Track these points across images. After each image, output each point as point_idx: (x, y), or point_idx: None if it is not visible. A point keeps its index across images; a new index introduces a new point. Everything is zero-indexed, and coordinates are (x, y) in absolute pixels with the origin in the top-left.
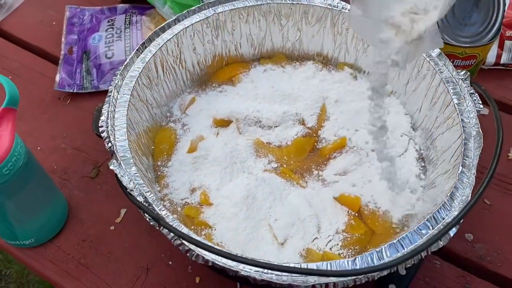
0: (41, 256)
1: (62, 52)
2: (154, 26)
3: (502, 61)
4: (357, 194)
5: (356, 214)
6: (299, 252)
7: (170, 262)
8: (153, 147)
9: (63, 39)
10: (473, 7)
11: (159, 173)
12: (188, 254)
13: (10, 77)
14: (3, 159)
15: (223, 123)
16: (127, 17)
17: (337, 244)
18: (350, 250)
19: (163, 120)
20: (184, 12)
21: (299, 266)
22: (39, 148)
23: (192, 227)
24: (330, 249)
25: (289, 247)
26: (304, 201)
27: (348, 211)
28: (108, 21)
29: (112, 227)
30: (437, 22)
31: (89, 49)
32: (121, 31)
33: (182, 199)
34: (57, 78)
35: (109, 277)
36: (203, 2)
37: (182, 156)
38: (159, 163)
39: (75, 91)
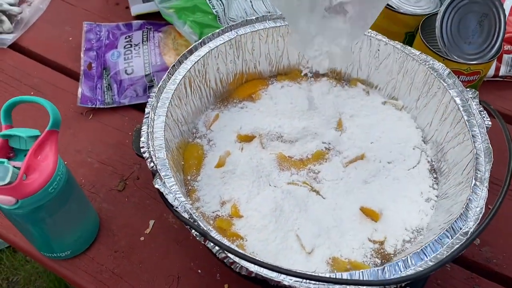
0: (76, 267)
1: (82, 68)
2: (171, 42)
3: (500, 74)
4: (376, 204)
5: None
6: (325, 260)
7: (199, 271)
8: (182, 162)
9: (82, 55)
10: (476, 26)
11: (189, 187)
12: (232, 266)
13: (32, 93)
14: (50, 178)
15: (246, 139)
16: (144, 34)
17: (361, 253)
18: (373, 258)
19: (190, 136)
20: (209, 35)
21: (334, 276)
22: (66, 163)
23: (225, 238)
24: (355, 257)
25: (316, 256)
26: (327, 212)
27: (369, 221)
28: (126, 38)
29: (142, 238)
30: None
31: (109, 65)
32: (139, 48)
33: (213, 212)
34: (79, 93)
35: (142, 286)
36: (219, 20)
37: (210, 171)
38: (189, 177)
39: (97, 106)
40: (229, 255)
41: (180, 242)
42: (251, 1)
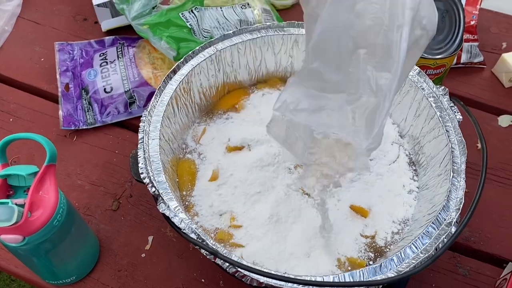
0: None
1: (60, 90)
2: (146, 56)
3: (462, 61)
4: (364, 201)
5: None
6: (324, 259)
7: (202, 280)
8: (177, 179)
9: (58, 77)
10: (439, 22)
11: (186, 203)
12: (243, 279)
13: (11, 119)
14: (53, 212)
15: (236, 149)
16: (118, 50)
17: (355, 248)
18: (367, 252)
19: (180, 153)
20: (189, 53)
21: (338, 280)
22: None
23: (227, 247)
24: (350, 253)
25: (315, 257)
26: (320, 213)
27: (359, 217)
28: (100, 55)
29: (143, 255)
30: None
31: (87, 84)
32: (115, 65)
33: (213, 225)
34: (60, 116)
35: None
36: (194, 33)
37: (205, 185)
38: (184, 193)
39: (80, 127)
40: (240, 270)
41: (181, 255)
42: (222, 10)
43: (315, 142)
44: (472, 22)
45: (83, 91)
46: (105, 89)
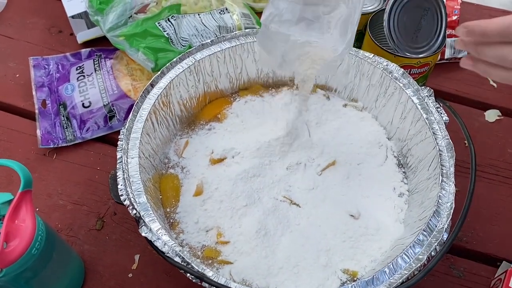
0: None
1: (37, 107)
2: (124, 68)
3: (446, 57)
4: (354, 206)
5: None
6: (316, 274)
7: None
8: (160, 196)
9: (34, 93)
10: (420, 20)
11: (171, 220)
12: None
13: None
14: (31, 240)
15: (220, 161)
16: (95, 62)
17: (349, 258)
18: (360, 262)
19: (162, 168)
20: (167, 64)
21: None
22: (37, 209)
23: (215, 264)
24: (343, 264)
25: (305, 271)
26: (309, 224)
27: (351, 224)
28: (77, 69)
29: (130, 275)
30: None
31: (64, 100)
32: (93, 78)
33: (199, 242)
34: (38, 135)
35: None
36: (172, 42)
37: (189, 200)
38: (168, 209)
39: (60, 145)
40: None
41: (169, 272)
42: (200, 17)
43: (295, 50)
44: (454, 17)
45: (60, 107)
46: (83, 103)
